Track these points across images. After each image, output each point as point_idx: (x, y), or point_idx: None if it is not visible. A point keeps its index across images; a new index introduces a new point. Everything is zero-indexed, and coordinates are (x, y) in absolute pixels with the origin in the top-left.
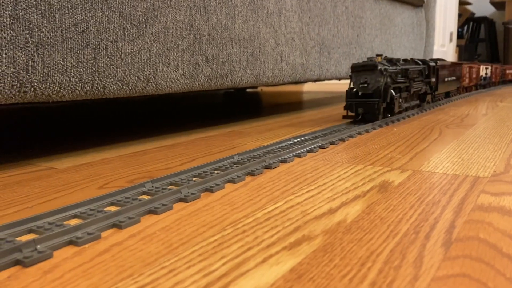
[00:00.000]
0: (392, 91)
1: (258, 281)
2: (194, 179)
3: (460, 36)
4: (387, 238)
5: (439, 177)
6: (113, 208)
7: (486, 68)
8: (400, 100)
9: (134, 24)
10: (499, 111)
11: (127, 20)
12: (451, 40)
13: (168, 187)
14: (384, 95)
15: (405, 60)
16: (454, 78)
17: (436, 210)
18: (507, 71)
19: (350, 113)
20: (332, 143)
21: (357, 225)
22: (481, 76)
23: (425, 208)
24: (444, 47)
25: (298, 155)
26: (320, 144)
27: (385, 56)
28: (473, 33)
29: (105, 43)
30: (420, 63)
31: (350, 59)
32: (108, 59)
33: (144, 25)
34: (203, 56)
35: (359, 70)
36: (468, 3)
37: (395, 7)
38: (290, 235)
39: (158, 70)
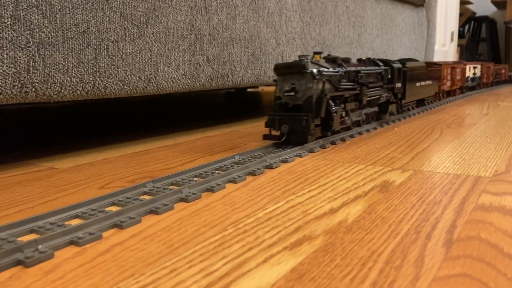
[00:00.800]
0: (330, 101)
1: (259, 281)
2: (195, 179)
3: (461, 35)
4: (388, 238)
5: (440, 177)
6: (114, 208)
7: (474, 68)
8: (344, 113)
9: (135, 24)
10: (500, 110)
11: (128, 20)
12: (452, 39)
13: (169, 187)
14: (317, 107)
15: (360, 60)
16: (430, 82)
17: (437, 210)
18: (503, 71)
19: (274, 132)
20: (333, 142)
21: (358, 225)
22: (468, 77)
23: (426, 208)
24: (445, 46)
25: (299, 155)
26: (321, 144)
27: (328, 54)
28: (474, 32)
29: (106, 43)
30: (381, 64)
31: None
32: (109, 59)
33: (145, 25)
34: (204, 56)
35: (285, 72)
36: (469, 3)
37: (396, 6)
38: (291, 235)
39: (159, 70)
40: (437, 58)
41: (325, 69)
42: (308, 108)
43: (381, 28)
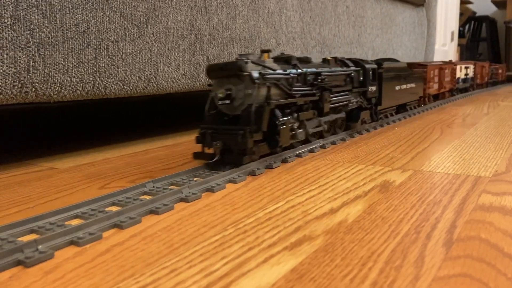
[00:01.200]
0: (277, 110)
1: (259, 281)
2: (195, 179)
3: (461, 35)
4: (388, 238)
5: (440, 177)
6: (114, 208)
7: (466, 68)
8: (295, 125)
9: (135, 24)
10: (500, 110)
11: (128, 20)
12: (452, 39)
13: (169, 187)
14: (257, 118)
15: (325, 60)
16: (412, 85)
17: (437, 210)
18: (500, 71)
19: (208, 149)
20: (333, 143)
21: (358, 225)
22: (458, 78)
23: (426, 208)
24: (446, 46)
25: (299, 155)
26: (321, 144)
27: (282, 53)
28: (475, 32)
29: (106, 43)
30: (351, 64)
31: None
32: (109, 59)
33: (145, 25)
34: (204, 56)
35: (219, 75)
36: (470, 2)
37: (396, 6)
38: (291, 235)
39: (159, 70)
40: (437, 58)
41: (271, 71)
42: (247, 119)
43: (381, 28)
